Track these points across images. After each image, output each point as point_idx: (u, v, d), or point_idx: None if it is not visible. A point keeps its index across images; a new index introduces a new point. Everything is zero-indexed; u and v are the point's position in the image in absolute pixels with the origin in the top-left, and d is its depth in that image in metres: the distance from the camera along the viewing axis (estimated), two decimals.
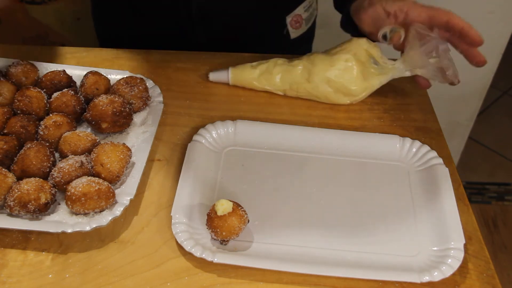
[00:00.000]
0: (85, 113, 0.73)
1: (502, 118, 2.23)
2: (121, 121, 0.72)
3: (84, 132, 0.70)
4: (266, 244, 0.63)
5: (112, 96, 0.72)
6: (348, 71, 0.80)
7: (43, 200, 0.62)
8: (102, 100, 0.72)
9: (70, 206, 0.63)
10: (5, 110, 0.72)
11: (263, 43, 0.95)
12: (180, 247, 0.62)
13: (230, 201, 0.61)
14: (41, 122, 0.71)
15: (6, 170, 0.65)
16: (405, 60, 0.79)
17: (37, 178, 0.64)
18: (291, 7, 0.94)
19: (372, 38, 0.79)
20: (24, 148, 0.67)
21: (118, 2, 0.95)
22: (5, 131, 0.70)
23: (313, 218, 0.67)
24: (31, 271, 0.60)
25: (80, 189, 0.62)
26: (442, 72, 0.77)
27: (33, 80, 0.79)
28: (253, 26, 0.94)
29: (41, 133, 0.70)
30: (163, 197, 0.69)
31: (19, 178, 0.65)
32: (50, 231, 0.61)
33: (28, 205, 0.61)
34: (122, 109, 0.72)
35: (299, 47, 0.99)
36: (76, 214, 0.63)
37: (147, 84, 0.79)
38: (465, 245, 0.62)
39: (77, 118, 0.75)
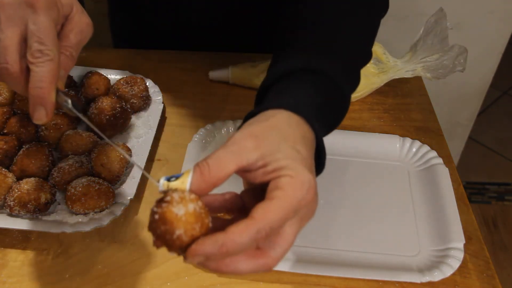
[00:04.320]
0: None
1: (502, 118, 2.23)
2: (119, 122, 0.72)
3: (86, 133, 0.70)
4: None
5: (100, 103, 0.72)
6: None
7: (43, 200, 0.62)
8: (93, 112, 0.71)
9: (70, 206, 0.62)
10: (5, 110, 0.72)
11: (262, 44, 0.95)
12: None
13: None
14: None
15: (6, 170, 0.65)
16: (416, 51, 0.79)
17: (37, 178, 0.64)
18: None
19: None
20: (23, 148, 0.67)
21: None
22: (5, 131, 0.70)
23: (313, 217, 0.67)
24: (31, 271, 0.60)
25: (80, 189, 0.62)
26: (445, 69, 0.77)
27: None
28: (251, 26, 0.93)
29: (42, 133, 0.70)
30: None
31: (19, 178, 0.65)
32: (50, 231, 0.61)
33: (28, 205, 0.61)
34: (114, 112, 0.71)
35: None
36: (76, 214, 0.63)
37: (147, 84, 0.79)
38: (465, 245, 0.62)
39: (78, 118, 0.75)
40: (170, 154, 0.74)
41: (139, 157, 0.70)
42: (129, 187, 0.66)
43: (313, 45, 0.57)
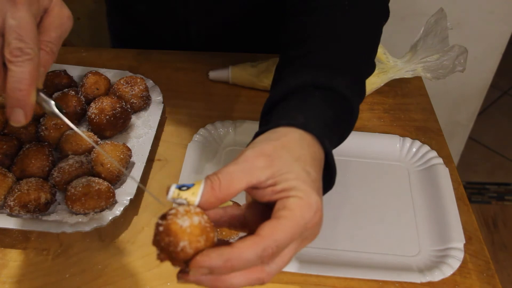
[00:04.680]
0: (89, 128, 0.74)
1: (502, 118, 2.23)
2: (119, 122, 0.72)
3: (86, 133, 0.70)
4: None
5: (100, 103, 0.72)
6: None
7: (43, 200, 0.62)
8: (94, 112, 0.72)
9: (70, 206, 0.62)
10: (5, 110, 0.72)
11: (262, 43, 0.95)
12: None
13: (230, 200, 0.61)
14: (42, 122, 0.71)
15: (6, 170, 0.65)
16: (416, 51, 0.79)
17: (37, 178, 0.64)
18: None
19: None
20: (23, 148, 0.67)
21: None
22: (5, 131, 0.70)
23: None
24: (31, 271, 0.60)
25: (80, 189, 0.62)
26: (445, 69, 0.77)
27: None
28: (251, 27, 0.94)
29: (42, 133, 0.70)
30: (163, 197, 0.68)
31: (19, 178, 0.65)
32: (50, 231, 0.61)
33: (28, 205, 0.61)
34: (114, 112, 0.71)
35: None
36: (76, 214, 0.63)
37: (147, 84, 0.79)
38: (465, 245, 0.62)
39: (78, 119, 0.75)
40: (170, 154, 0.74)
41: (139, 157, 0.70)
42: (129, 187, 0.66)
43: (319, 60, 0.56)
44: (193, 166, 0.70)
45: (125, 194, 0.65)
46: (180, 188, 0.40)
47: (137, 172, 0.68)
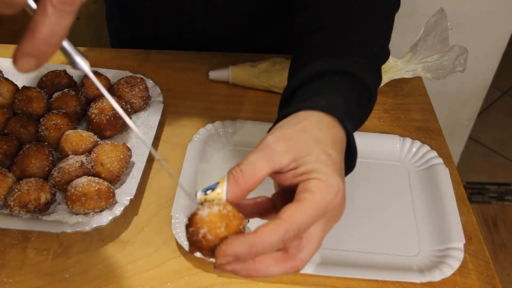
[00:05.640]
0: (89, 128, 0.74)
1: (502, 118, 2.23)
2: (119, 122, 0.72)
3: (86, 133, 0.70)
4: None
5: (100, 103, 0.72)
6: None
7: (43, 200, 0.62)
8: (94, 112, 0.72)
9: (70, 206, 0.62)
10: (5, 110, 0.72)
11: (265, 42, 0.95)
12: (180, 247, 0.62)
13: None
14: (42, 122, 0.71)
15: (6, 170, 0.65)
16: (416, 52, 0.79)
17: (37, 178, 0.64)
18: None
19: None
20: (23, 148, 0.67)
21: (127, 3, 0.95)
22: (5, 131, 0.70)
23: None
24: (31, 271, 0.60)
25: (80, 189, 0.62)
26: (445, 69, 0.77)
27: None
28: (253, 27, 0.93)
29: (42, 133, 0.70)
30: (163, 197, 0.69)
31: (19, 178, 0.65)
32: (50, 231, 0.61)
33: (28, 205, 0.61)
34: (114, 112, 0.71)
35: None
36: (76, 214, 0.63)
37: (147, 84, 0.79)
38: (465, 245, 0.62)
39: (78, 118, 0.75)
40: (170, 154, 0.74)
41: (139, 157, 0.70)
42: (129, 187, 0.66)
43: (335, 48, 0.57)
44: (193, 166, 0.70)
45: (125, 194, 0.65)
46: (205, 192, 0.42)
47: (137, 172, 0.68)
